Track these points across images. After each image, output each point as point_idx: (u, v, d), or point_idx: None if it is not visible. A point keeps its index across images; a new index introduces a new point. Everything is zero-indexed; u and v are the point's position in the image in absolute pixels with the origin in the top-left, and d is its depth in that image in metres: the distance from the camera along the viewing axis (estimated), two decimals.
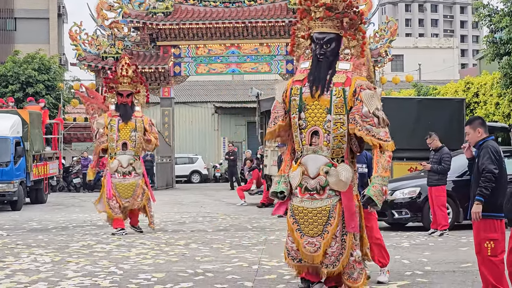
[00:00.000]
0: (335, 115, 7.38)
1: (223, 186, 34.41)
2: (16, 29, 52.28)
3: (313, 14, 7.57)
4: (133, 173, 14.92)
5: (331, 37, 7.56)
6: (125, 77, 15.14)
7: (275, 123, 7.70)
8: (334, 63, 7.56)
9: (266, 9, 32.43)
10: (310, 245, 7.37)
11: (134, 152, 15.02)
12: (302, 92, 7.53)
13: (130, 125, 15.04)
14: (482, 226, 7.27)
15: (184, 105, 43.20)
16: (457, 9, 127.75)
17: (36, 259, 11.23)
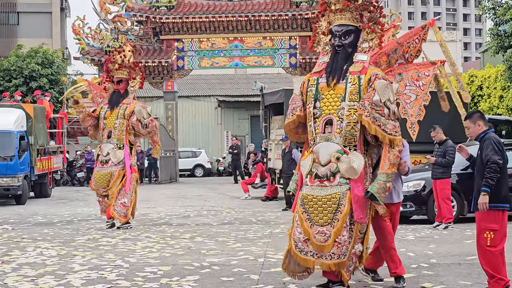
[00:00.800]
0: (349, 101, 7.48)
1: (226, 180, 34.43)
2: (19, 23, 52.34)
3: (333, 6, 7.67)
4: (110, 162, 14.58)
5: (349, 29, 7.69)
6: (113, 63, 14.94)
7: (293, 114, 7.78)
8: (352, 55, 7.68)
9: (269, 2, 32.39)
10: (320, 234, 7.34)
11: (117, 140, 14.73)
12: (318, 83, 7.65)
13: (115, 112, 14.81)
14: (485, 217, 7.31)
15: (187, 99, 43.19)
16: (460, 2, 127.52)
17: (42, 252, 11.26)
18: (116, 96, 14.89)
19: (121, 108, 14.78)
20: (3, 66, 36.28)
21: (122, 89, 14.94)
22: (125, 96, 14.95)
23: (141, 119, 14.72)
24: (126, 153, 14.75)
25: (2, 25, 52.57)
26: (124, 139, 14.80)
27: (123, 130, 14.73)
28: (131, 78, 15.05)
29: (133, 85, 15.11)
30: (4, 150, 21.43)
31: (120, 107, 14.80)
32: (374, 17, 7.76)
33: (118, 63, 14.91)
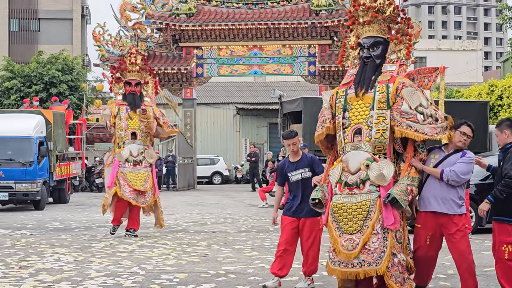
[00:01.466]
0: (377, 109, 7.46)
1: (244, 188, 34.43)
2: (40, 29, 52.76)
3: (361, 19, 7.69)
4: (144, 163, 14.55)
5: (377, 41, 7.71)
6: (134, 65, 14.83)
7: (323, 126, 7.76)
8: (380, 66, 7.69)
9: (288, 10, 32.42)
10: (349, 241, 7.22)
11: (143, 141, 14.71)
12: (347, 94, 7.67)
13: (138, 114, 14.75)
14: (503, 230, 7.37)
15: (206, 106, 43.30)
16: (481, 11, 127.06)
17: (59, 258, 11.30)
18: (136, 98, 14.77)
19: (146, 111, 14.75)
20: (23, 72, 36.52)
21: (138, 91, 14.86)
22: (142, 99, 14.88)
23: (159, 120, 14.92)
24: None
25: (24, 31, 53.01)
26: (149, 141, 14.91)
27: (147, 133, 14.76)
28: (145, 82, 15.07)
29: (147, 89, 15.08)
30: (23, 155, 21.55)
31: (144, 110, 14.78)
32: (402, 28, 7.79)
33: (140, 66, 14.91)
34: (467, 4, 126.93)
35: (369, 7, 7.63)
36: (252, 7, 32.69)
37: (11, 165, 21.41)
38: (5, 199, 21.40)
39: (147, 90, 15.09)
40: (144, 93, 15.00)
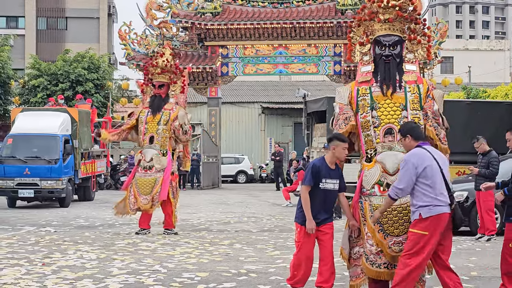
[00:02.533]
0: (411, 110, 7.51)
1: (268, 187, 34.42)
2: (67, 28, 53.18)
3: (381, 16, 7.65)
4: (154, 169, 14.35)
5: (397, 40, 7.72)
6: (155, 67, 14.69)
7: (347, 124, 7.69)
8: (401, 65, 7.72)
9: (314, 10, 32.34)
10: (397, 244, 7.27)
11: (160, 146, 14.51)
12: (372, 92, 7.62)
13: (157, 117, 14.56)
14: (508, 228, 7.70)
15: (231, 105, 43.33)
16: (510, 10, 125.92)
17: (82, 255, 11.36)
18: (157, 100, 14.64)
19: (164, 114, 14.57)
20: (50, 70, 36.81)
21: (164, 93, 14.71)
22: (167, 101, 14.70)
23: (183, 125, 14.61)
24: (169, 160, 14.56)
25: (51, 30, 53.45)
26: (167, 145, 14.60)
27: (166, 136, 14.52)
28: (172, 82, 14.82)
29: (174, 89, 14.84)
30: (49, 153, 21.72)
31: (163, 113, 14.58)
32: (418, 29, 7.77)
33: (161, 68, 14.68)
34: (495, 3, 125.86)
35: (393, 5, 7.61)
36: (277, 6, 32.67)
37: (37, 163, 21.60)
38: (30, 196, 21.60)
39: (175, 91, 14.90)
40: (171, 93, 14.82)
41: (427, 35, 7.89)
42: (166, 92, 14.75)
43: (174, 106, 14.75)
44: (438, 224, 6.90)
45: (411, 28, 7.76)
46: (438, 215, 6.91)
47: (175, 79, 14.86)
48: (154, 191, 14.27)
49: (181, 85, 14.95)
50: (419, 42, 7.79)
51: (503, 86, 31.14)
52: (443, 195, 6.97)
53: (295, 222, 8.13)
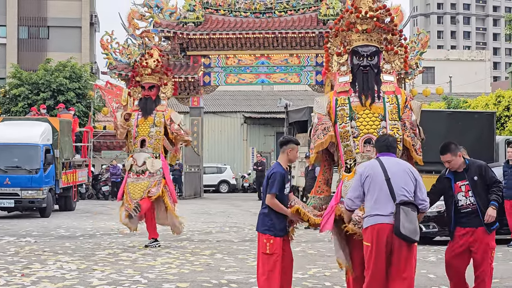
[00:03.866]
0: (390, 120, 7.54)
1: (251, 196, 34.39)
2: (49, 37, 52.93)
3: (359, 26, 7.67)
4: (147, 173, 13.90)
5: (374, 50, 7.75)
6: (145, 68, 14.25)
7: (325, 134, 7.65)
8: (379, 75, 7.75)
9: (296, 20, 32.42)
10: None
11: (153, 149, 14.08)
12: (350, 102, 7.64)
13: (149, 120, 14.12)
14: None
15: (214, 115, 43.32)
16: (490, 21, 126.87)
17: (62, 266, 11.29)
18: (149, 102, 14.22)
19: (156, 116, 14.17)
20: (31, 79, 36.63)
21: (154, 95, 14.29)
22: (158, 103, 14.31)
23: (180, 125, 14.34)
24: (164, 163, 14.21)
25: (33, 39, 53.20)
26: (160, 148, 14.18)
27: (160, 138, 14.09)
28: (162, 84, 14.45)
29: (165, 91, 14.49)
30: (30, 163, 21.60)
31: (155, 115, 14.19)
32: (395, 40, 7.83)
33: (152, 68, 14.29)
34: (476, 14, 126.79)
35: (371, 16, 7.65)
36: (259, 16, 32.72)
37: (17, 172, 21.46)
38: (11, 206, 21.44)
39: (166, 93, 14.51)
40: (161, 95, 14.42)
41: (403, 46, 7.95)
42: (156, 93, 14.34)
43: (167, 107, 14.46)
44: (377, 235, 6.70)
45: (388, 39, 7.81)
46: (375, 226, 6.73)
47: (165, 81, 14.52)
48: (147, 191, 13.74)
49: (172, 86, 14.67)
50: (396, 53, 7.85)
51: (484, 97, 31.38)
52: (384, 206, 6.74)
53: (264, 234, 7.62)
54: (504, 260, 12.28)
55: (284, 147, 7.73)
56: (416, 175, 6.91)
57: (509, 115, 27.53)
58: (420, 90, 39.46)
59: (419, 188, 6.86)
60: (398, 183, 6.77)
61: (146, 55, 14.63)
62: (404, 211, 6.62)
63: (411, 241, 6.65)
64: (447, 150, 7.79)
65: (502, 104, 28.02)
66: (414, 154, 7.57)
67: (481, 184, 7.78)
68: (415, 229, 6.66)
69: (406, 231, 6.60)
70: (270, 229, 7.57)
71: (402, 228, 6.59)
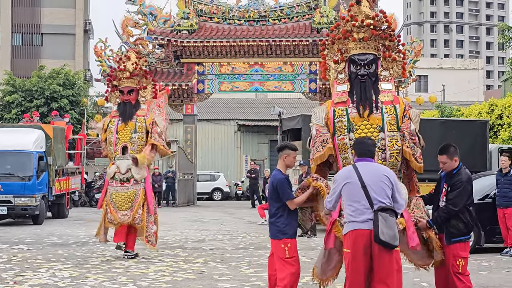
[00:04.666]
0: (389, 132, 7.47)
1: (244, 204, 34.36)
2: (42, 44, 52.87)
3: (356, 35, 7.63)
4: (132, 180, 13.17)
5: (372, 58, 7.67)
6: (123, 71, 13.54)
7: (324, 146, 7.59)
8: (377, 84, 7.66)
9: (290, 28, 32.48)
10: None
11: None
12: (348, 113, 7.56)
13: (130, 125, 13.42)
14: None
15: (207, 122, 43.32)
16: (483, 30, 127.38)
17: (55, 274, 11.25)
18: (128, 107, 13.49)
19: (138, 121, 13.47)
20: (25, 86, 36.58)
21: (133, 99, 13.57)
22: (138, 107, 13.57)
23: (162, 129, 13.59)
24: (147, 169, 13.56)
25: (26, 46, 53.13)
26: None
27: (142, 144, 13.36)
28: (141, 87, 13.70)
29: (144, 95, 13.70)
30: (23, 170, 21.53)
31: (136, 120, 13.48)
32: (393, 46, 7.77)
33: (130, 72, 13.56)
34: (469, 23, 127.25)
35: (368, 24, 7.61)
36: (253, 24, 32.77)
37: (10, 179, 21.38)
38: (3, 213, 21.34)
39: (145, 96, 13.74)
40: (142, 100, 13.69)
41: (401, 52, 7.90)
42: (135, 98, 13.63)
43: (147, 112, 13.68)
44: (355, 241, 6.74)
45: (386, 45, 7.75)
46: (353, 231, 6.76)
47: (144, 84, 13.78)
48: (136, 207, 13.12)
49: (152, 90, 13.87)
50: (394, 59, 7.77)
51: (477, 105, 31.44)
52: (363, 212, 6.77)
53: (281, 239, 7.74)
54: (497, 269, 12.29)
55: (280, 153, 7.82)
56: (393, 179, 6.89)
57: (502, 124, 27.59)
58: (414, 98, 39.54)
59: (397, 192, 6.86)
60: (375, 189, 6.78)
61: (123, 58, 13.86)
62: (383, 217, 6.64)
63: (391, 247, 6.67)
64: (445, 151, 7.84)
65: (495, 112, 28.07)
66: (414, 163, 7.54)
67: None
68: (395, 234, 6.68)
69: (385, 237, 6.62)
70: (285, 232, 7.69)
71: (382, 234, 6.61)
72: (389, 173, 6.93)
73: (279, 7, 32.94)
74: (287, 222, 7.71)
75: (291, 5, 32.91)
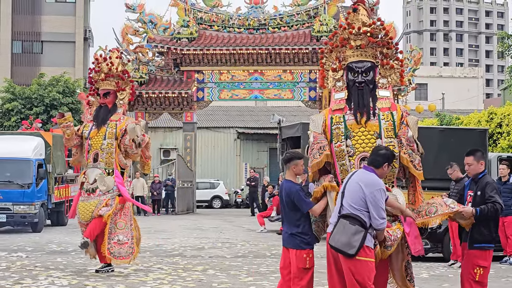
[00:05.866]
0: (386, 138, 7.46)
1: (243, 212, 34.35)
2: (42, 52, 52.91)
3: (353, 42, 7.64)
4: (98, 191, 12.11)
5: (369, 66, 7.67)
6: (99, 72, 12.62)
7: (321, 153, 7.58)
8: (374, 91, 7.68)
9: (290, 36, 32.53)
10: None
11: (105, 164, 12.30)
12: (345, 120, 7.56)
13: (102, 131, 12.42)
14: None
15: (207, 130, 43.33)
16: (483, 38, 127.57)
17: (53, 281, 11.23)
18: (103, 111, 12.52)
19: (109, 126, 12.41)
20: (24, 94, 36.62)
21: (110, 102, 12.59)
22: (114, 111, 12.58)
23: (135, 139, 12.40)
24: (119, 180, 12.30)
25: (26, 53, 53.17)
26: (113, 163, 12.35)
27: (112, 152, 12.28)
28: (119, 89, 12.73)
29: (122, 97, 12.73)
30: (22, 177, 21.52)
31: (108, 125, 12.43)
32: (391, 53, 7.77)
33: (105, 73, 12.61)
34: (468, 31, 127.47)
35: (365, 31, 7.62)
36: (253, 32, 32.82)
37: (10, 187, 21.37)
38: (2, 221, 21.33)
39: (123, 99, 12.77)
40: (119, 103, 12.71)
41: (399, 59, 7.90)
42: (112, 101, 12.64)
43: (122, 116, 12.68)
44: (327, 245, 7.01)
45: (384, 53, 7.77)
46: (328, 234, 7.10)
47: (123, 86, 12.79)
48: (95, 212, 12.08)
49: (129, 92, 12.92)
50: (392, 67, 7.77)
51: (476, 113, 31.43)
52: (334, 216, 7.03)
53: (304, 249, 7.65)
54: (497, 277, 12.28)
55: (288, 164, 7.84)
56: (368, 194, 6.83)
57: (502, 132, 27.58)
58: (413, 106, 39.55)
59: (372, 206, 6.82)
60: (351, 197, 6.90)
61: (99, 59, 12.79)
62: (342, 223, 6.78)
63: (343, 254, 6.76)
64: (472, 153, 7.95)
65: (495, 121, 28.06)
66: (413, 170, 7.51)
67: (480, 200, 7.75)
68: (348, 242, 6.72)
69: (335, 243, 6.78)
70: (310, 243, 7.71)
71: (332, 239, 6.81)
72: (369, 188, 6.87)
73: (279, 15, 32.98)
74: (310, 232, 7.73)
75: (290, 13, 32.96)
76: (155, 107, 32.94)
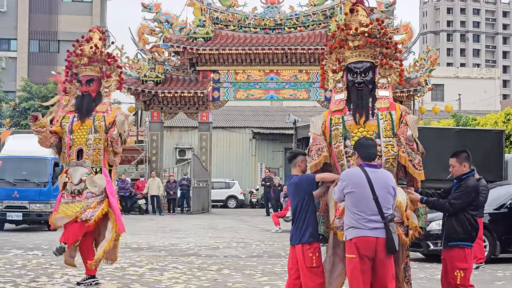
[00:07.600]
0: (384, 138, 7.44)
1: (259, 212, 34.34)
2: (59, 51, 53.21)
3: (351, 43, 7.63)
4: (85, 193, 10.52)
5: (368, 66, 7.65)
6: (80, 56, 10.90)
7: (319, 155, 7.58)
8: (373, 91, 7.65)
9: (305, 36, 32.52)
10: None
11: (92, 162, 10.67)
12: (344, 121, 7.55)
13: (87, 124, 10.71)
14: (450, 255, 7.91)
15: (222, 130, 43.38)
16: (500, 39, 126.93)
17: (69, 280, 11.27)
18: (87, 101, 10.78)
19: (96, 119, 10.73)
20: (41, 92, 36.81)
21: (94, 91, 10.86)
22: (99, 101, 10.89)
23: (122, 134, 10.79)
24: (107, 179, 10.75)
25: (43, 52, 53.51)
26: (101, 161, 10.75)
27: (100, 148, 10.66)
28: (104, 76, 11.01)
29: (108, 85, 11.02)
30: (38, 176, 21.64)
31: (94, 117, 10.74)
32: (390, 53, 7.76)
33: (88, 57, 10.87)
34: (486, 32, 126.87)
35: (362, 32, 7.61)
36: (269, 32, 32.84)
37: (26, 186, 21.50)
38: (19, 219, 21.46)
39: (109, 87, 11.09)
40: (105, 91, 11.02)
41: (399, 59, 7.88)
42: (96, 89, 10.92)
43: (109, 107, 11.07)
44: (362, 248, 6.79)
45: (383, 53, 7.75)
46: (359, 238, 6.81)
47: (108, 72, 11.06)
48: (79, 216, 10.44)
49: (117, 79, 11.16)
50: (391, 66, 7.75)
51: (493, 114, 31.32)
52: (370, 220, 6.81)
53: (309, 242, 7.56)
54: None
55: (294, 160, 7.79)
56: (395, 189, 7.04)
57: None
58: (429, 107, 39.44)
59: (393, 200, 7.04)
60: (383, 200, 6.86)
61: (80, 40, 11.11)
62: (392, 227, 6.87)
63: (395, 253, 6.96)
64: (455, 155, 7.99)
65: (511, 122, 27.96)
66: (412, 169, 7.44)
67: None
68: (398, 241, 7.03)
69: (397, 246, 6.93)
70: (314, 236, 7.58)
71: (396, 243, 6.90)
72: (393, 183, 7.06)
73: (295, 15, 32.99)
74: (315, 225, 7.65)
75: (307, 14, 32.94)
76: (170, 106, 33.03)
